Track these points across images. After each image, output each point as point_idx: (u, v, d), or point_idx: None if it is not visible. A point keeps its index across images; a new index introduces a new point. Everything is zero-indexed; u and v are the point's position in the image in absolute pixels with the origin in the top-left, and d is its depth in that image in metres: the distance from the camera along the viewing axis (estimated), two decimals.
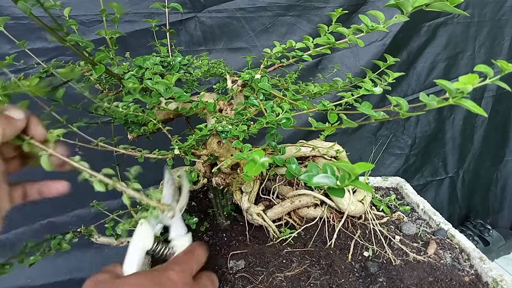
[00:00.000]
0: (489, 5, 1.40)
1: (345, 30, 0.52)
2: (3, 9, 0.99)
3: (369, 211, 0.81)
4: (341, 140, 0.93)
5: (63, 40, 0.41)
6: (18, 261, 0.49)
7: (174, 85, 0.51)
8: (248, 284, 0.65)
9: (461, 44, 1.45)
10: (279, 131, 0.63)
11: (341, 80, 0.73)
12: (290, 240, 0.76)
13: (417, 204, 0.91)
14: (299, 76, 0.85)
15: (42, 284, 1.32)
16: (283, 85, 0.79)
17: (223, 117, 0.65)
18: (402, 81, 1.47)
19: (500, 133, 1.70)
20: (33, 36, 1.05)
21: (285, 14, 1.23)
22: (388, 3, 0.44)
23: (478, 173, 1.74)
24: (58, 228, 1.29)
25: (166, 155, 0.62)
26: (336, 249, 0.75)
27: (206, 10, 1.17)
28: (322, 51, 0.57)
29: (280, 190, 0.84)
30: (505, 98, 1.60)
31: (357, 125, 0.45)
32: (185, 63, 0.65)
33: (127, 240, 0.72)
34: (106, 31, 0.60)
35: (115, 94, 0.72)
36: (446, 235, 0.79)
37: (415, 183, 1.67)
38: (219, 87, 0.77)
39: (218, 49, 1.24)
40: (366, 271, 0.68)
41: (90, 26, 1.08)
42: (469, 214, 1.83)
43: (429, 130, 1.59)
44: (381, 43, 1.32)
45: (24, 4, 0.35)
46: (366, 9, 1.27)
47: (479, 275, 0.67)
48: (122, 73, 0.56)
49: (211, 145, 0.70)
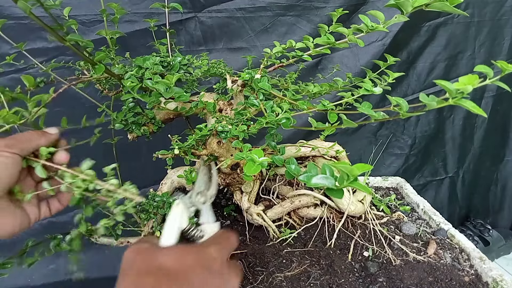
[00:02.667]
0: (489, 5, 1.40)
1: (345, 30, 0.52)
2: (3, 9, 0.99)
3: (369, 211, 0.81)
4: (341, 140, 0.93)
5: (63, 39, 0.41)
6: (17, 261, 0.49)
7: (174, 85, 0.51)
8: (248, 284, 0.65)
9: (461, 44, 1.45)
10: (279, 131, 0.63)
11: (341, 80, 0.73)
12: (290, 240, 0.76)
13: (417, 204, 0.91)
14: (299, 76, 0.85)
15: (42, 284, 1.32)
16: (283, 85, 0.79)
17: (223, 117, 0.65)
18: (402, 81, 1.47)
19: (500, 133, 1.70)
20: (33, 36, 1.05)
21: (285, 14, 1.23)
22: (388, 3, 0.44)
23: (478, 173, 1.74)
24: (58, 228, 1.29)
25: (166, 155, 0.62)
26: (336, 249, 0.75)
27: (206, 10, 1.17)
28: (322, 51, 0.57)
29: (280, 190, 0.84)
30: (505, 98, 1.60)
31: (357, 125, 0.45)
32: (185, 63, 0.65)
33: (127, 240, 0.72)
34: (106, 31, 0.60)
35: (115, 94, 0.72)
36: (446, 235, 0.79)
37: (415, 183, 1.67)
38: (219, 87, 0.77)
39: (218, 49, 1.24)
40: (366, 271, 0.68)
41: (90, 26, 1.08)
42: (469, 214, 1.83)
43: (429, 130, 1.59)
44: (381, 43, 1.32)
45: (24, 4, 0.35)
46: (366, 9, 1.27)
47: (479, 275, 0.67)
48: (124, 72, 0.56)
49: (211, 145, 0.70)
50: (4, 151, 0.40)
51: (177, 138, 0.63)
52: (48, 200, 0.49)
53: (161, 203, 0.68)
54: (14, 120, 0.45)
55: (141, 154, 1.22)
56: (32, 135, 0.45)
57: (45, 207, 0.48)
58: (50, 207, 0.49)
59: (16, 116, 0.45)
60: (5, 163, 0.40)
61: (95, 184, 0.45)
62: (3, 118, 0.44)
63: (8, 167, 0.40)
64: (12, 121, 0.45)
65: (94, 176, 0.45)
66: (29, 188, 0.47)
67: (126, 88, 0.51)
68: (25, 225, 0.45)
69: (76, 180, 0.45)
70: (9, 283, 1.29)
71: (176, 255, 0.38)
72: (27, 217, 0.45)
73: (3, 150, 0.40)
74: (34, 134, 0.45)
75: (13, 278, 1.31)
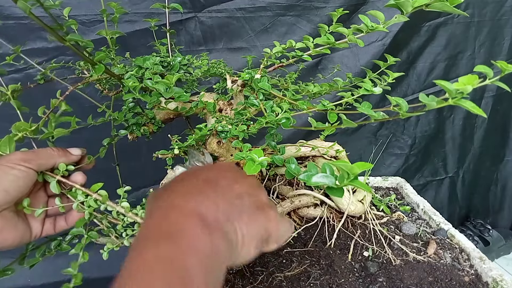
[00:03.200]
0: (489, 5, 1.40)
1: (345, 30, 0.52)
2: (3, 9, 0.99)
3: (369, 211, 0.81)
4: (341, 140, 0.93)
5: (63, 39, 0.40)
6: (18, 263, 0.49)
7: (174, 85, 0.51)
8: (248, 284, 0.65)
9: (461, 44, 1.45)
10: (279, 131, 0.63)
11: (341, 80, 0.73)
12: (290, 240, 0.76)
13: (417, 204, 0.91)
14: (299, 76, 0.85)
15: (42, 284, 1.32)
16: (283, 85, 0.79)
17: (223, 117, 0.65)
18: (402, 81, 1.47)
19: (500, 133, 1.70)
20: (33, 36, 1.05)
21: (285, 14, 1.23)
22: (388, 3, 0.44)
23: (478, 173, 1.74)
24: None
25: (166, 154, 0.62)
26: (336, 249, 0.75)
27: (206, 10, 1.17)
28: (322, 51, 0.57)
29: (280, 190, 0.84)
30: (505, 98, 1.60)
31: (357, 125, 0.45)
32: (185, 63, 0.65)
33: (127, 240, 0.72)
34: (106, 31, 0.60)
35: (115, 94, 0.72)
36: (446, 235, 0.79)
37: (415, 183, 1.67)
38: (219, 87, 0.77)
39: (218, 49, 1.24)
40: (366, 271, 0.68)
41: (90, 26, 1.08)
42: (469, 214, 1.83)
43: (429, 130, 1.59)
44: (381, 43, 1.32)
45: (24, 4, 0.35)
46: (366, 9, 1.27)
47: (479, 275, 0.67)
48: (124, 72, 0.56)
49: (211, 145, 0.70)
50: (20, 164, 0.41)
51: (177, 138, 0.63)
52: (56, 217, 0.49)
53: None
54: (25, 128, 0.45)
55: (141, 154, 1.22)
56: (54, 153, 0.45)
57: (49, 224, 0.48)
58: (56, 225, 0.49)
59: (27, 124, 0.45)
60: (17, 176, 0.40)
61: (106, 204, 0.45)
62: (15, 126, 0.44)
63: (19, 180, 0.40)
64: (23, 129, 0.45)
65: (106, 197, 0.46)
66: (40, 201, 0.47)
67: (127, 88, 0.51)
68: (26, 239, 0.45)
69: (88, 199, 0.45)
70: (9, 283, 1.29)
71: (199, 168, 0.41)
72: (29, 231, 0.45)
73: (19, 163, 0.41)
74: (56, 151, 0.45)
75: (13, 278, 1.31)
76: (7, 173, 0.40)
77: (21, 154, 0.42)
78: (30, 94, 0.55)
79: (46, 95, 0.51)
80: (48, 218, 0.48)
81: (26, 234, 0.44)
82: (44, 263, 0.57)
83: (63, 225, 0.49)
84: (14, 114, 0.49)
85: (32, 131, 0.45)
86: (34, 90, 0.59)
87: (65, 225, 0.49)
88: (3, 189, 0.39)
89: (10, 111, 0.49)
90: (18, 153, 0.42)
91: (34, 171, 0.42)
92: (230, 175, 0.39)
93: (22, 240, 0.44)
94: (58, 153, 0.45)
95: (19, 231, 0.43)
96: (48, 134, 0.47)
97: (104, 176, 0.51)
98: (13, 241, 0.42)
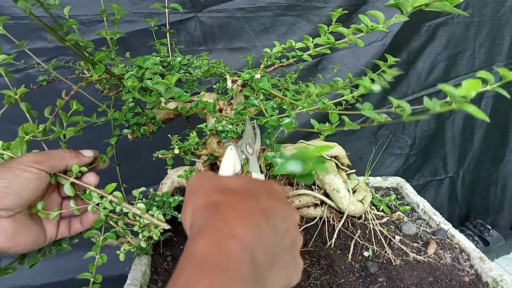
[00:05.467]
0: (489, 5, 1.40)
1: (345, 30, 0.52)
2: (3, 9, 0.99)
3: (369, 211, 0.81)
4: (341, 140, 0.93)
5: (63, 39, 0.40)
6: (18, 262, 0.49)
7: (174, 85, 0.51)
8: None
9: (461, 44, 1.45)
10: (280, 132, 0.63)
11: (341, 80, 0.73)
12: None
13: (417, 204, 0.91)
14: (299, 76, 0.85)
15: (42, 284, 1.32)
16: (283, 85, 0.79)
17: (223, 117, 0.65)
18: (402, 81, 1.47)
19: (500, 133, 1.70)
20: (33, 36, 1.05)
21: (285, 14, 1.23)
22: (388, 3, 0.44)
23: (478, 173, 1.74)
24: None
25: (166, 154, 0.62)
26: (336, 249, 0.75)
27: (206, 10, 1.17)
28: (322, 51, 0.57)
29: None
30: (505, 98, 1.57)
31: (359, 127, 0.45)
32: (185, 63, 0.65)
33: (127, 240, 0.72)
34: (106, 31, 0.60)
35: (115, 94, 0.71)
36: (446, 235, 0.79)
37: (415, 183, 1.66)
38: (219, 87, 0.77)
39: (218, 49, 1.24)
40: (366, 271, 0.68)
41: (91, 26, 1.08)
42: (469, 214, 1.83)
43: (429, 130, 1.59)
44: (381, 43, 1.32)
45: (24, 4, 0.35)
46: (366, 9, 1.27)
47: (479, 275, 0.67)
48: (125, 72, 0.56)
49: (211, 145, 0.70)
50: (32, 166, 0.40)
51: (177, 138, 0.63)
52: (71, 219, 0.48)
53: (161, 203, 0.68)
54: (32, 129, 0.44)
55: (141, 154, 1.22)
56: (66, 154, 0.44)
57: (64, 227, 0.47)
58: (71, 227, 0.48)
59: (34, 125, 0.45)
60: (29, 179, 0.39)
61: (122, 206, 0.45)
62: (23, 128, 0.44)
63: (31, 183, 0.39)
64: (31, 130, 0.44)
65: (121, 198, 0.46)
66: (54, 204, 0.46)
67: (127, 88, 0.51)
68: (40, 243, 0.43)
69: (104, 201, 0.45)
70: (9, 283, 1.29)
71: (241, 181, 0.36)
72: (43, 235, 0.44)
73: (31, 165, 0.40)
74: (68, 153, 0.45)
75: (13, 278, 1.31)
76: (19, 176, 0.38)
77: (33, 156, 0.41)
78: (30, 94, 0.55)
79: (46, 95, 0.52)
80: (62, 220, 0.47)
81: (40, 237, 0.43)
82: (44, 263, 0.57)
83: (78, 227, 0.48)
84: (14, 114, 0.49)
85: (40, 132, 0.45)
86: (34, 90, 0.60)
87: (80, 227, 0.48)
88: (15, 192, 0.38)
89: (10, 111, 0.49)
90: (29, 155, 0.41)
91: (47, 173, 0.41)
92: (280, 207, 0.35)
93: (36, 244, 0.43)
94: (70, 155, 0.45)
95: (32, 235, 0.42)
96: (58, 133, 0.47)
97: (104, 176, 0.51)
98: (26, 245, 0.41)
